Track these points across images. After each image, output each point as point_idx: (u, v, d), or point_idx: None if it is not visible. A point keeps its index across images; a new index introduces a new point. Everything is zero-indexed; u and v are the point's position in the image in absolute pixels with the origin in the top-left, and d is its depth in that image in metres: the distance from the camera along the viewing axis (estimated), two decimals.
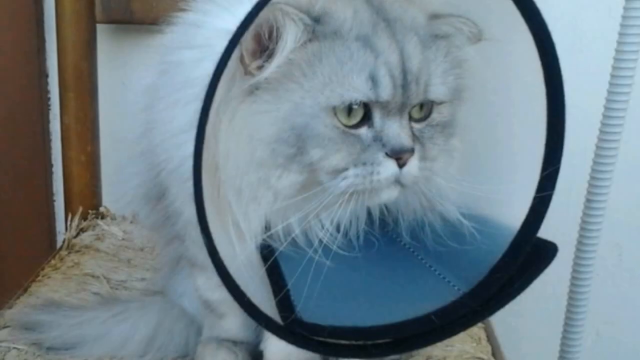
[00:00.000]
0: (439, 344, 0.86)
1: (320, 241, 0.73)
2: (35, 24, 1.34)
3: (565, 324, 1.13)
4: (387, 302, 0.72)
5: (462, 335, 0.91)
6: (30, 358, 0.86)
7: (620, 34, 0.99)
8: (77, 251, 1.16)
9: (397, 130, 0.69)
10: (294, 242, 0.73)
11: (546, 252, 0.69)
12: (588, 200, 1.07)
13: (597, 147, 1.04)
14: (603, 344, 1.36)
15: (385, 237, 0.78)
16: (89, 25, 1.21)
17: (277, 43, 0.67)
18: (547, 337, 1.16)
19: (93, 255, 1.15)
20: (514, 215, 0.70)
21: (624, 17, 0.98)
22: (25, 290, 1.03)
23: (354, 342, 0.70)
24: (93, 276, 1.08)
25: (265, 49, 0.68)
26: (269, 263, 0.71)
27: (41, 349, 0.88)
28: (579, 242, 1.09)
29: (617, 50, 1.00)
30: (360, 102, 0.68)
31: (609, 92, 1.02)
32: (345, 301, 0.71)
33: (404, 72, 0.69)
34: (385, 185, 0.69)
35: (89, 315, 0.92)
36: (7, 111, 1.37)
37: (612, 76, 1.01)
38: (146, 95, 0.81)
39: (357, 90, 0.67)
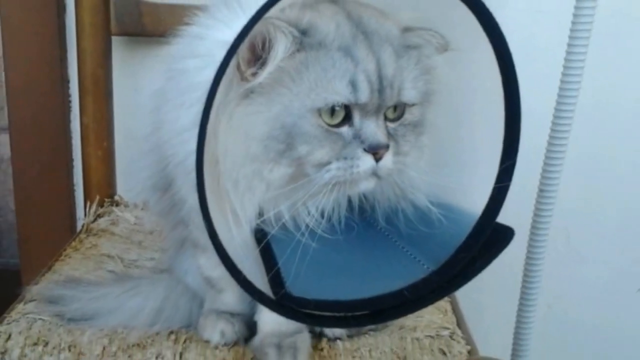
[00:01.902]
0: (410, 316, 0.86)
1: (307, 226, 0.73)
2: (57, 36, 1.33)
3: (521, 298, 1.14)
4: (365, 279, 0.72)
5: (430, 308, 0.91)
6: (54, 328, 0.86)
7: (569, 45, 0.99)
8: (95, 234, 1.16)
9: (374, 129, 0.69)
10: (283, 227, 0.72)
11: (504, 235, 0.69)
12: (540, 190, 1.07)
13: (549, 143, 1.04)
14: (553, 315, 1.37)
15: (364, 222, 0.77)
16: (105, 37, 1.21)
17: (269, 53, 0.67)
18: (504, 309, 1.17)
19: (108, 238, 1.14)
20: (476, 203, 0.71)
21: (571, 31, 0.98)
22: (49, 268, 1.03)
23: (336, 314, 0.70)
24: (108, 256, 1.07)
25: (259, 58, 0.68)
26: (262, 245, 0.71)
27: (63, 319, 0.88)
28: (533, 227, 1.09)
29: (565, 60, 1.00)
30: (342, 104, 0.68)
31: (559, 96, 1.02)
32: (329, 278, 0.71)
33: (380, 78, 0.68)
34: (363, 177, 0.69)
35: (105, 290, 0.92)
36: (33, 112, 1.37)
37: (562, 82, 1.01)
38: (155, 99, 0.81)
39: (339, 94, 0.67)
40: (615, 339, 1.44)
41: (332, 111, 0.68)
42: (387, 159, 0.69)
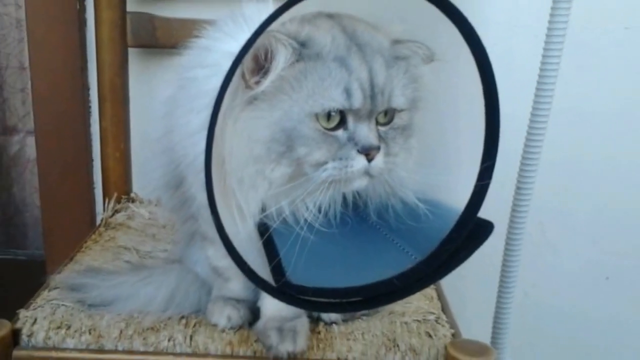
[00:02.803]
0: (399, 302, 0.86)
1: (306, 220, 0.72)
2: (79, 48, 1.33)
3: (500, 286, 1.14)
4: (359, 268, 0.72)
5: (417, 295, 0.91)
6: (75, 313, 0.86)
7: (544, 56, 0.99)
8: (113, 228, 1.16)
9: (366, 132, 0.69)
10: (284, 221, 0.72)
11: (485, 229, 0.70)
12: (518, 188, 1.07)
13: (525, 145, 1.04)
14: (530, 302, 1.37)
15: (357, 217, 0.77)
16: (122, 48, 1.20)
17: (271, 63, 0.67)
18: (485, 296, 1.17)
19: (125, 232, 1.14)
20: (459, 200, 0.71)
21: (546, 43, 0.98)
22: (71, 259, 1.03)
23: (332, 300, 0.70)
24: (125, 248, 1.07)
25: (261, 68, 0.68)
26: (264, 237, 0.70)
27: (84, 305, 0.87)
28: (510, 221, 1.09)
29: (540, 69, 1.00)
30: (337, 109, 0.68)
31: (535, 102, 1.02)
32: (325, 267, 0.71)
33: (372, 86, 0.68)
34: (357, 175, 0.69)
35: (122, 279, 0.92)
36: (57, 117, 1.37)
37: (537, 89, 1.01)
38: (167, 104, 0.81)
39: (335, 100, 0.67)
40: (586, 323, 1.44)
41: (329, 116, 0.68)
42: (379, 159, 0.69)
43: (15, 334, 0.83)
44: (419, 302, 0.92)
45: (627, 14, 1.26)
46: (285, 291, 0.67)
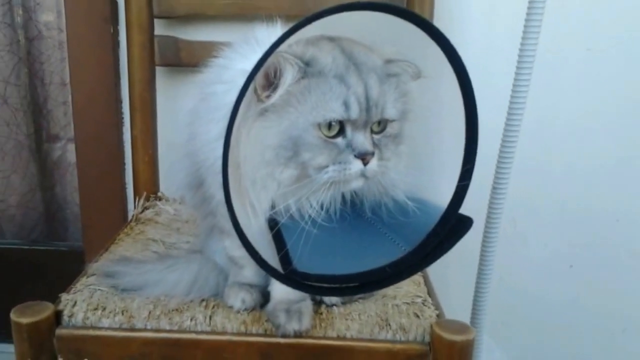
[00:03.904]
0: (391, 287, 0.86)
1: (310, 216, 0.72)
2: (113, 67, 1.34)
3: (478, 273, 1.14)
4: (355, 258, 0.72)
5: (407, 281, 0.90)
6: (110, 296, 0.86)
7: (516, 74, 0.99)
8: (142, 223, 1.15)
9: (362, 140, 0.69)
10: (291, 217, 0.72)
11: (465, 223, 0.70)
12: (494, 188, 1.07)
13: (500, 150, 1.04)
14: (504, 286, 1.37)
15: (354, 213, 0.77)
16: (150, 67, 1.20)
17: (280, 80, 0.67)
18: (465, 281, 1.17)
19: (153, 226, 1.14)
20: (443, 198, 0.71)
21: (518, 62, 0.99)
22: (106, 250, 1.03)
23: (332, 285, 0.70)
24: (153, 240, 1.07)
25: (271, 84, 0.68)
26: (274, 231, 0.70)
27: (117, 290, 0.87)
28: (487, 217, 1.09)
29: (513, 86, 1.00)
30: (337, 120, 0.68)
31: (508, 114, 1.02)
32: (327, 257, 0.71)
33: (367, 100, 0.68)
34: (354, 177, 0.69)
35: (150, 267, 0.91)
36: (94, 126, 1.37)
37: (511, 103, 1.01)
38: (190, 115, 0.80)
39: (335, 112, 0.67)
40: (552, 305, 1.44)
41: (329, 126, 0.68)
42: (373, 163, 0.69)
43: (58, 315, 0.83)
44: (408, 287, 0.91)
45: (588, 37, 1.26)
46: (292, 277, 0.68)
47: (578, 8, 1.23)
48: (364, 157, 0.68)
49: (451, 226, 0.69)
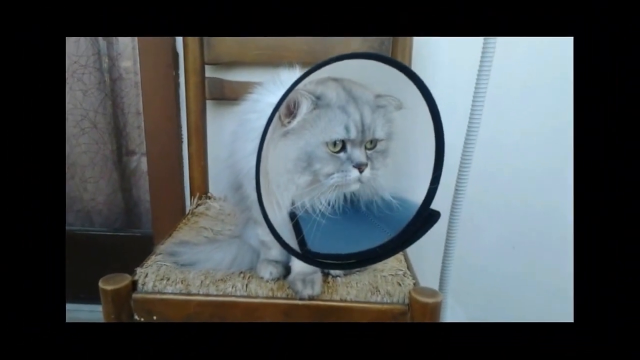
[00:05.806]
0: (380, 263, 0.86)
1: (320, 210, 0.72)
2: (174, 101, 1.34)
3: (444, 252, 1.13)
4: (353, 241, 0.72)
5: (392, 258, 0.90)
6: (172, 270, 0.86)
7: (473, 104, 0.99)
8: (196, 215, 1.16)
9: (359, 154, 0.69)
10: (306, 211, 0.72)
11: (435, 216, 0.69)
12: (456, 190, 1.07)
13: (461, 161, 1.04)
14: (464, 263, 1.35)
15: (353, 208, 0.77)
16: (202, 101, 1.20)
17: (298, 110, 0.67)
18: (435, 259, 1.17)
19: (204, 218, 1.14)
20: (418, 197, 0.71)
21: (475, 95, 0.98)
22: (170, 235, 1.03)
23: (336, 262, 0.70)
24: (204, 228, 1.07)
25: (292, 113, 0.68)
26: (293, 221, 0.71)
27: (178, 265, 0.88)
28: (451, 212, 1.09)
29: (471, 112, 1.00)
30: (340, 139, 0.68)
31: (467, 134, 1.02)
32: (332, 241, 0.71)
33: (362, 125, 0.68)
34: (353, 182, 0.69)
35: (202, 248, 0.92)
36: (161, 144, 1.37)
37: (469, 125, 1.01)
38: (231, 136, 0.80)
39: (339, 133, 0.67)
40: (500, 278, 1.43)
41: (335, 144, 0.68)
42: (367, 171, 0.69)
43: (134, 284, 0.84)
44: (393, 262, 0.91)
45: (526, 77, 1.26)
46: (307, 256, 0.68)
47: (519, 56, 1.23)
48: (360, 167, 0.69)
49: (424, 218, 0.69)
